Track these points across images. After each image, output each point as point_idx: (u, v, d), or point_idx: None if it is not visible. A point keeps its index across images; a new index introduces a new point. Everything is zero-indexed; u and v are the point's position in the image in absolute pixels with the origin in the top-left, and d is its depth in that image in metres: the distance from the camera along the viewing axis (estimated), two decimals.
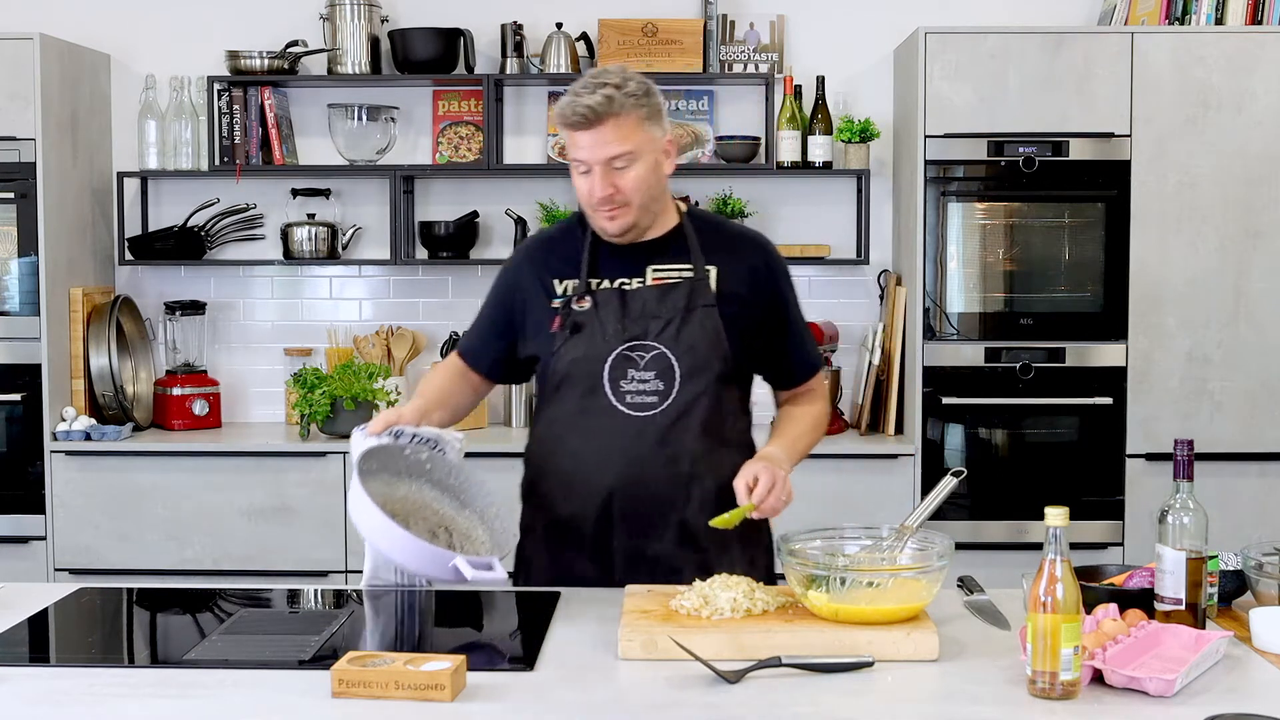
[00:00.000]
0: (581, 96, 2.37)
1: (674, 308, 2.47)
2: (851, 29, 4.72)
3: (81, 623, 2.35)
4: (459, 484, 2.37)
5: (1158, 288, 4.26)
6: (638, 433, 2.45)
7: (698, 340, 2.47)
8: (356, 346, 4.73)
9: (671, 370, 2.46)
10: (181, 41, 4.74)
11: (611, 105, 2.37)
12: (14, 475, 4.36)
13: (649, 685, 1.91)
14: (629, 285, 2.50)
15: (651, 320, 2.47)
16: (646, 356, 2.46)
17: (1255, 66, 4.23)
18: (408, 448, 2.27)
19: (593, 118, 2.37)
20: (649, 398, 2.46)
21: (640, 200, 2.44)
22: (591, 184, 2.41)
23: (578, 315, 2.48)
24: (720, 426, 2.52)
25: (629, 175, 2.41)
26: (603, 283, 2.51)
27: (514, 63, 4.62)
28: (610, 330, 2.46)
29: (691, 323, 2.47)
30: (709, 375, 2.48)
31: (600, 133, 2.38)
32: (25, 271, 4.33)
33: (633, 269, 2.51)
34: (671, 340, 2.46)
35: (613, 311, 2.47)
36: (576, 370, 2.48)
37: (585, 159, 2.40)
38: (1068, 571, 1.83)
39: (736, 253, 2.55)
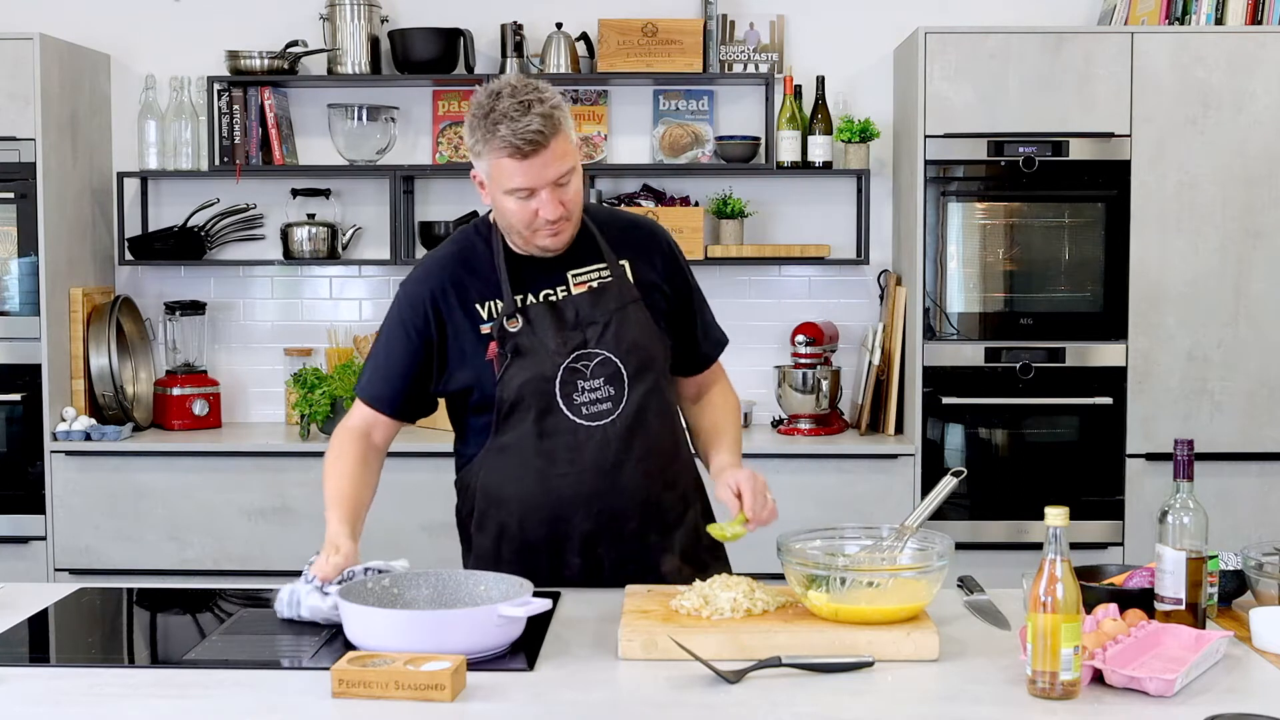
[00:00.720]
0: (520, 121, 2.24)
1: (606, 310, 2.42)
2: (851, 29, 4.72)
3: (81, 623, 2.35)
4: (437, 587, 2.20)
5: (1158, 288, 4.26)
6: (601, 442, 2.40)
7: (637, 337, 2.43)
8: (356, 346, 4.73)
9: (620, 373, 2.41)
10: (181, 41, 4.73)
11: (552, 124, 2.27)
12: (14, 475, 4.36)
13: (649, 685, 1.91)
14: (554, 296, 2.42)
15: (589, 327, 2.41)
16: (591, 364, 2.40)
17: (1255, 66, 4.23)
18: (369, 580, 2.17)
19: (542, 142, 2.26)
20: (603, 405, 2.41)
21: (578, 209, 2.39)
22: (538, 207, 2.30)
23: (514, 337, 2.38)
24: (673, 418, 2.53)
25: (571, 190, 2.34)
26: (528, 297, 2.42)
27: (514, 63, 4.62)
28: (552, 346, 2.39)
29: (626, 322, 2.42)
30: (654, 370, 2.45)
31: (546, 154, 2.27)
32: (25, 271, 4.33)
33: (553, 279, 2.43)
34: (612, 343, 2.41)
35: (548, 326, 2.39)
36: (527, 392, 2.39)
37: (532, 184, 2.29)
38: (1068, 571, 1.83)
39: (640, 242, 2.51)
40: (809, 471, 4.27)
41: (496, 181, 2.32)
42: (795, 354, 4.56)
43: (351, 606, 2.02)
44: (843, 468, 4.26)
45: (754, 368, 4.70)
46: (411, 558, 4.18)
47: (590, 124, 4.73)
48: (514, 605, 2.00)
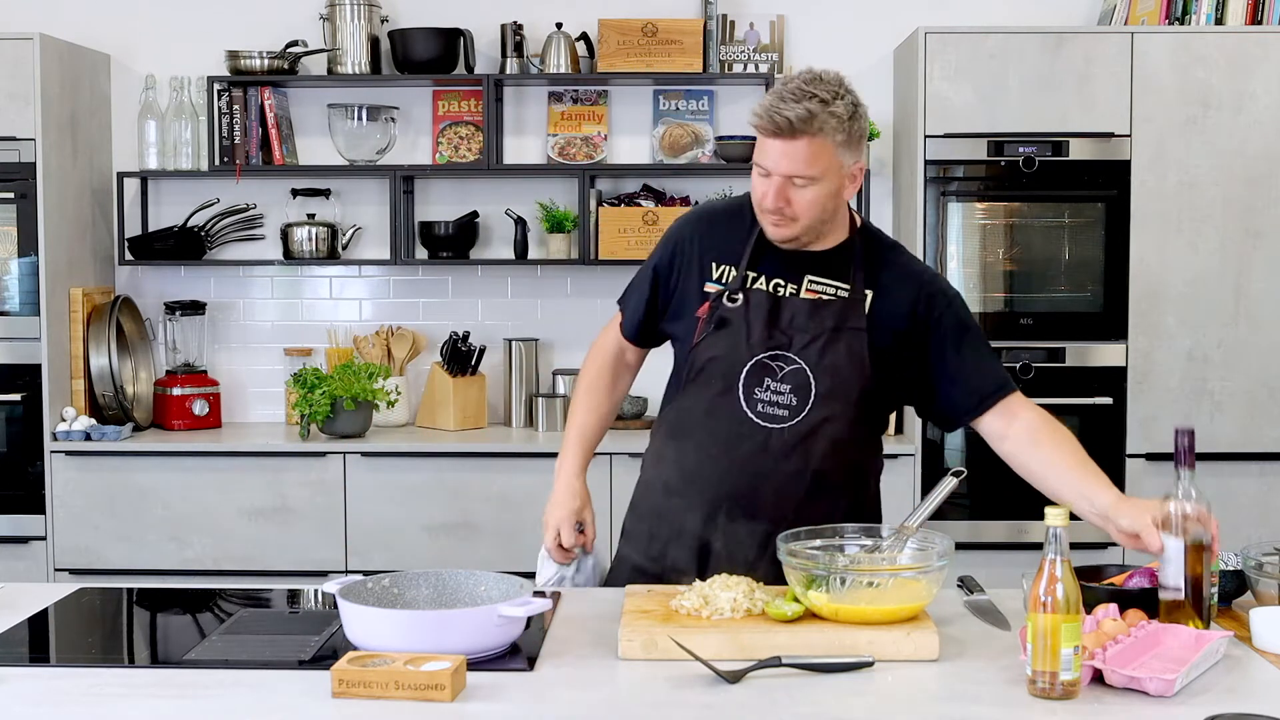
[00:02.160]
0: (785, 103, 2.25)
1: (822, 325, 2.38)
2: (851, 29, 4.72)
3: (81, 623, 2.35)
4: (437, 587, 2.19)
5: (1158, 288, 4.26)
6: (762, 444, 2.37)
7: (840, 362, 2.37)
8: (356, 346, 4.73)
9: (808, 387, 2.37)
10: (181, 41, 4.73)
11: (811, 124, 2.25)
12: (14, 475, 4.36)
13: (649, 685, 1.91)
14: (784, 291, 2.41)
15: (798, 333, 2.38)
16: (786, 369, 2.38)
17: (1255, 66, 4.23)
18: (369, 582, 2.18)
19: (787, 130, 2.25)
20: (780, 410, 2.37)
21: (809, 220, 2.34)
22: (766, 190, 2.31)
23: (726, 310, 2.40)
24: (847, 452, 2.43)
25: (805, 195, 2.31)
26: (759, 280, 2.42)
27: (514, 63, 4.62)
28: (755, 335, 2.38)
29: (838, 344, 2.37)
30: (845, 399, 2.39)
31: (791, 147, 2.27)
32: (25, 271, 4.33)
33: (791, 274, 2.41)
34: (814, 358, 2.37)
35: (761, 316, 2.39)
36: (714, 368, 2.41)
37: (768, 167, 2.30)
38: (1068, 571, 1.83)
39: (899, 282, 2.43)
40: None
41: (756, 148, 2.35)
42: None
43: (351, 606, 2.02)
44: None
45: None
46: (411, 558, 4.21)
47: (590, 124, 4.73)
48: (514, 605, 2.01)
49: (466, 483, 4.30)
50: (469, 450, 4.34)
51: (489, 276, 4.80)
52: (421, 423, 4.66)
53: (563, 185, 4.73)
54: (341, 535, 4.30)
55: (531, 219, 4.70)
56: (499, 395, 4.72)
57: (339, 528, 4.30)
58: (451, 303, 4.81)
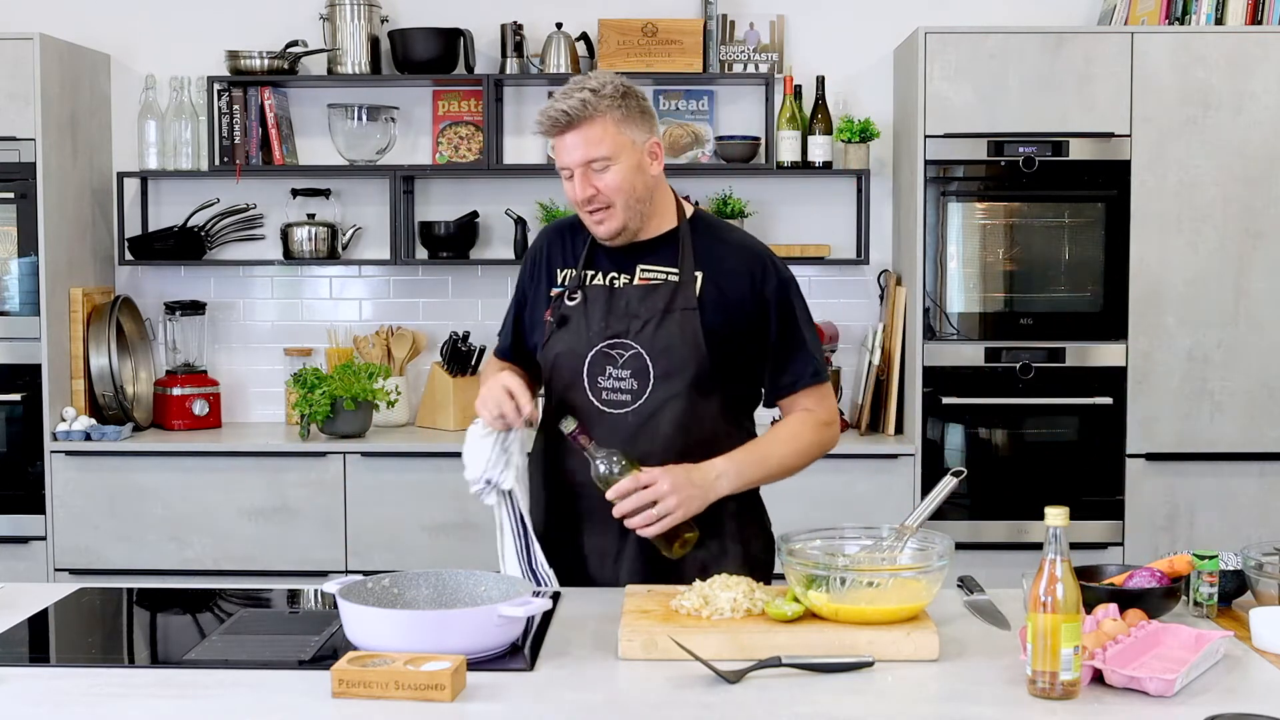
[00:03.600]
0: (558, 102, 2.40)
1: (653, 308, 2.47)
2: (851, 29, 4.73)
3: (81, 623, 2.35)
4: (437, 587, 2.20)
5: (1158, 288, 4.26)
6: (609, 430, 2.45)
7: (674, 343, 2.45)
8: (356, 346, 4.73)
9: (646, 371, 2.46)
10: (181, 41, 4.74)
11: (585, 109, 2.39)
12: (14, 475, 4.36)
13: (649, 685, 1.91)
14: (618, 281, 2.52)
15: (632, 319, 2.47)
16: (625, 355, 2.47)
17: (1255, 66, 4.23)
18: (369, 582, 2.18)
19: (565, 122, 2.40)
20: (623, 395, 2.47)
21: (624, 201, 2.44)
22: (573, 187, 2.44)
23: (566, 309, 2.52)
24: (692, 432, 2.46)
25: (607, 177, 2.42)
26: (596, 276, 2.54)
27: (514, 63, 4.62)
28: (594, 327, 2.48)
29: (669, 325, 2.45)
30: (683, 379, 2.45)
31: (575, 136, 2.41)
32: (25, 271, 4.33)
33: (624, 265, 2.53)
34: (648, 341, 2.46)
35: (599, 308, 2.49)
36: (560, 363, 2.52)
37: (564, 163, 2.44)
38: (1068, 571, 1.83)
39: (729, 261, 2.51)
40: (809, 471, 4.22)
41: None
42: None
43: (351, 606, 2.02)
44: (843, 468, 4.26)
45: None
46: (411, 558, 4.21)
47: None
48: (514, 605, 2.01)
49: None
50: None
51: (489, 276, 4.80)
52: (421, 423, 4.66)
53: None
54: (341, 535, 4.30)
55: (531, 219, 4.70)
56: None
57: (339, 528, 4.30)
58: (451, 303, 4.81)
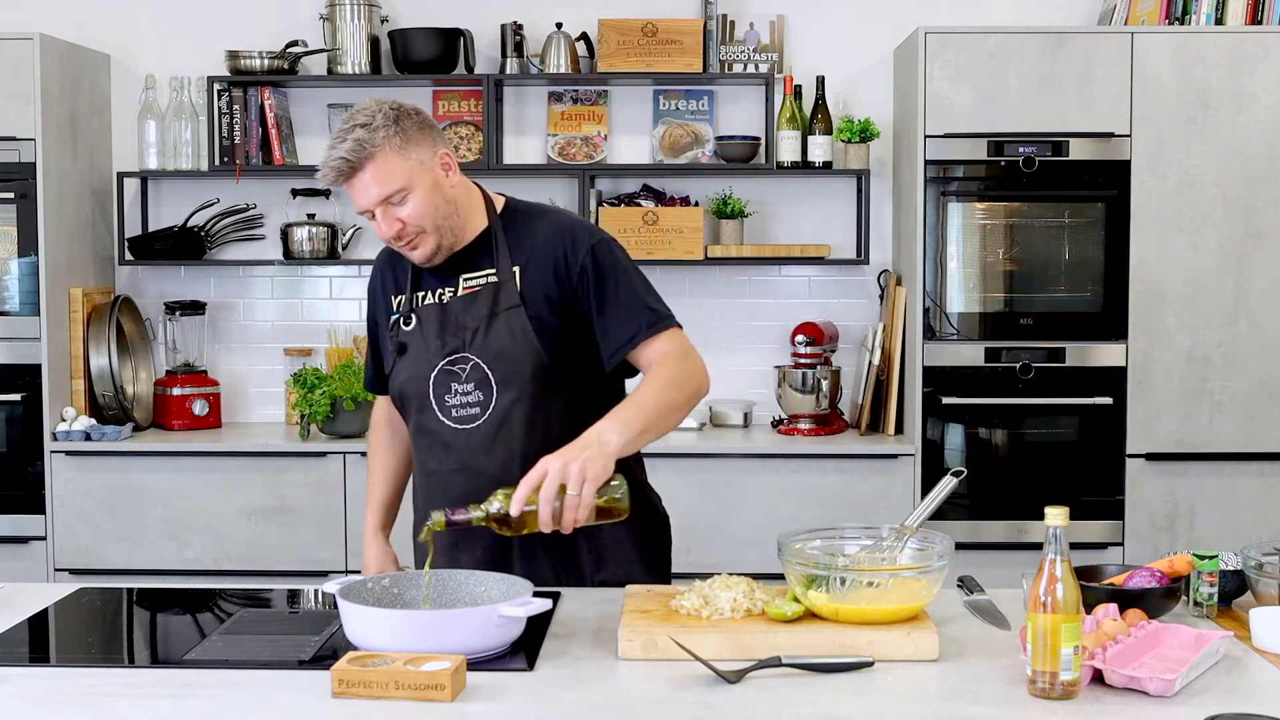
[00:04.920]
0: (335, 149, 2.29)
1: (478, 315, 2.40)
2: (851, 29, 4.73)
3: (81, 623, 2.35)
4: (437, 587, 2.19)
5: (1158, 288, 4.26)
6: (466, 446, 2.41)
7: (506, 345, 2.38)
8: (356, 346, 4.73)
9: (488, 380, 2.39)
10: (181, 41, 4.74)
11: (364, 149, 2.28)
12: (14, 475, 4.36)
13: (649, 685, 1.91)
14: (446, 297, 2.44)
15: (464, 331, 2.41)
16: (465, 369, 2.41)
17: (1255, 66, 4.23)
18: (369, 582, 2.17)
19: (349, 169, 2.29)
20: (472, 409, 2.40)
21: (432, 224, 2.36)
22: (379, 226, 2.35)
23: (403, 335, 2.47)
24: (548, 429, 2.38)
25: (408, 208, 2.33)
26: (426, 296, 2.47)
27: (514, 63, 4.62)
28: (432, 347, 2.42)
29: (497, 328, 2.39)
30: (523, 380, 2.38)
31: (363, 178, 2.30)
32: (25, 271, 4.33)
33: (448, 279, 2.45)
34: (481, 349, 2.39)
35: (433, 327, 2.43)
36: (408, 389, 2.46)
37: (362, 207, 2.34)
38: (1068, 571, 1.83)
39: (539, 245, 2.42)
40: (809, 471, 4.27)
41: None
42: (795, 354, 4.56)
43: (351, 606, 2.02)
44: (843, 468, 4.26)
45: (754, 368, 4.71)
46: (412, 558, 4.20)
47: (590, 124, 4.73)
48: (514, 605, 2.00)
49: None
50: None
51: None
52: None
53: (563, 185, 4.73)
54: (341, 535, 4.29)
55: None
56: None
57: (339, 528, 4.30)
58: None
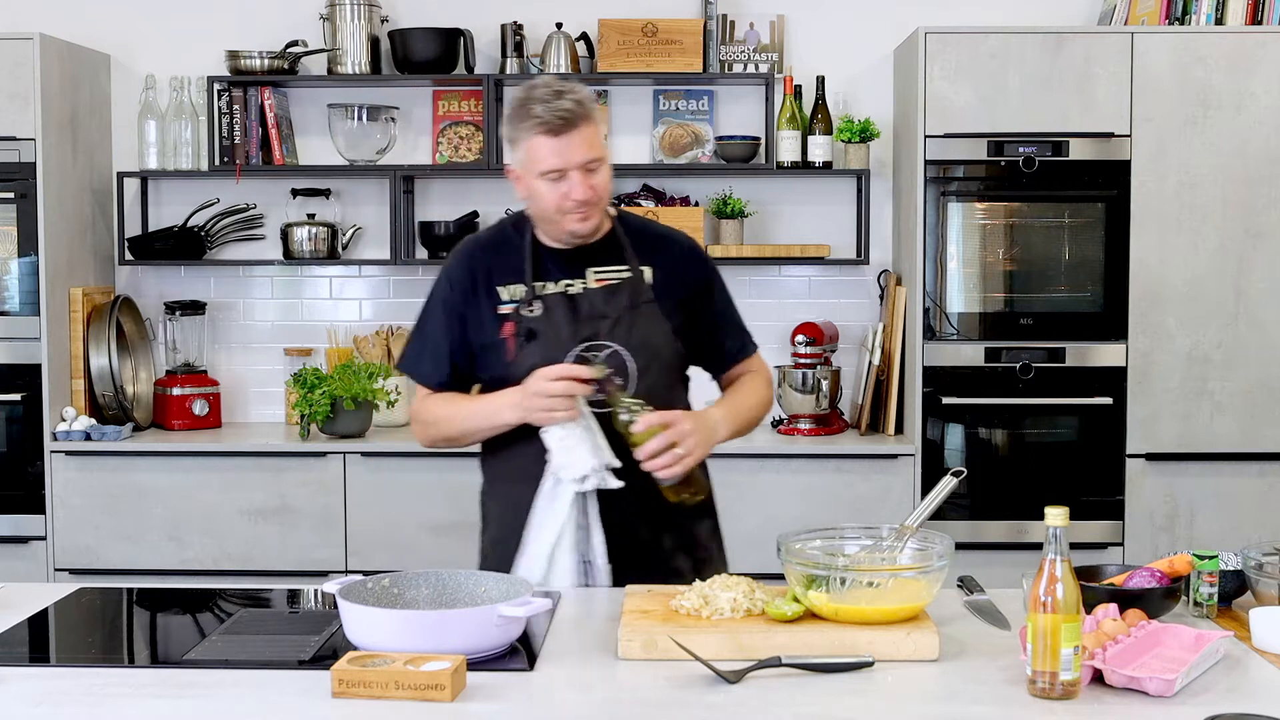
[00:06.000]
0: (553, 103, 2.41)
1: (619, 306, 2.52)
2: (851, 29, 4.72)
3: (81, 623, 2.35)
4: (437, 587, 2.19)
5: (1158, 288, 4.26)
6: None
7: (648, 336, 2.52)
8: (356, 346, 4.73)
9: (625, 367, 2.50)
10: (181, 41, 4.74)
11: (583, 109, 2.43)
12: (14, 475, 4.36)
13: (649, 685, 1.92)
14: (573, 288, 2.54)
15: (601, 320, 2.51)
16: (601, 356, 2.49)
17: (1255, 66, 4.23)
18: (369, 582, 2.18)
19: (572, 120, 2.41)
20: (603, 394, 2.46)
21: (605, 202, 2.52)
22: (568, 188, 2.44)
23: (529, 321, 2.51)
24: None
25: (599, 177, 2.47)
26: (546, 286, 2.54)
27: (514, 63, 4.62)
28: (564, 333, 2.49)
29: (639, 320, 2.52)
30: (659, 369, 2.53)
31: (577, 136, 2.43)
32: (25, 271, 4.33)
33: (574, 272, 2.55)
34: (624, 338, 2.51)
35: (563, 315, 2.51)
36: None
37: (561, 164, 2.43)
38: (1068, 571, 1.83)
39: (666, 253, 2.61)
40: (809, 471, 4.27)
41: (531, 165, 2.46)
42: (795, 354, 4.56)
43: (351, 606, 2.02)
44: (843, 468, 4.26)
45: None
46: (411, 558, 4.21)
47: None
48: (514, 605, 2.01)
49: (466, 483, 4.26)
50: (469, 450, 4.32)
51: None
52: None
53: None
54: (341, 535, 4.30)
55: None
56: None
57: (339, 528, 4.30)
58: None
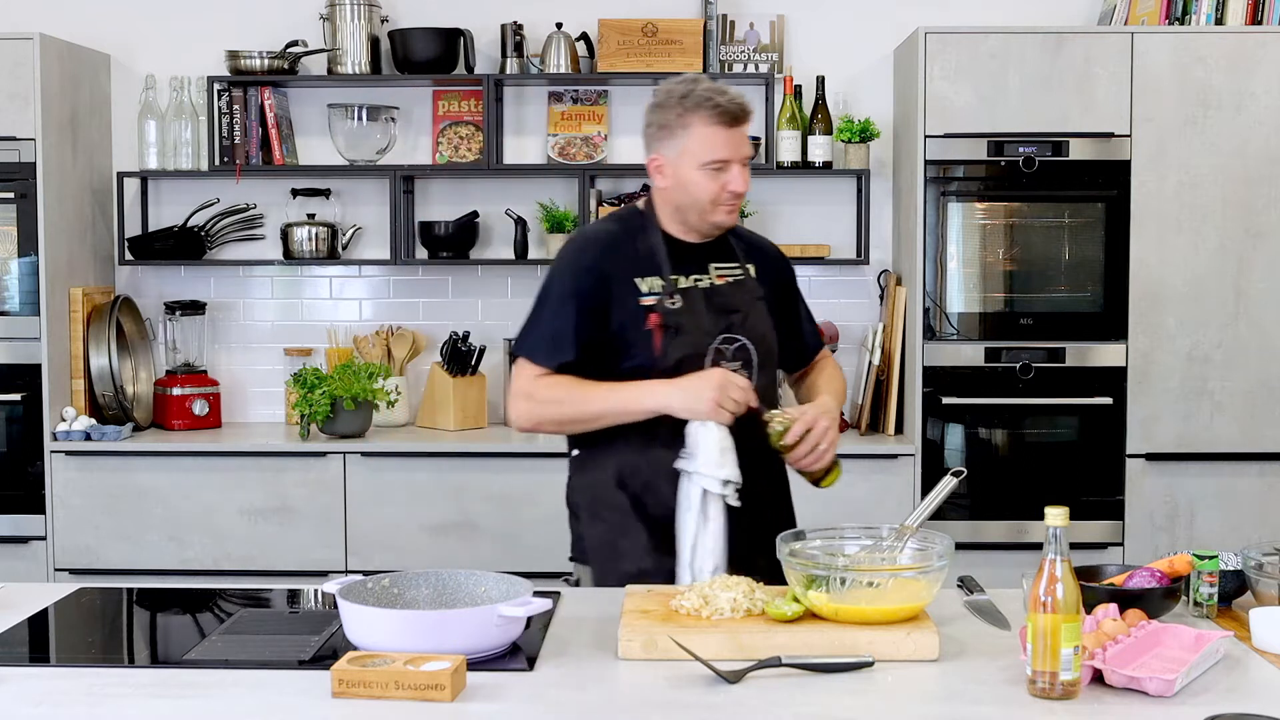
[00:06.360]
0: (729, 94, 2.53)
1: (745, 301, 2.66)
2: (851, 29, 4.73)
3: (81, 623, 2.35)
4: (437, 587, 2.19)
5: (1158, 288, 4.26)
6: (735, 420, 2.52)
7: (764, 330, 2.67)
8: (356, 346, 4.73)
9: (751, 360, 2.62)
10: (181, 41, 4.74)
11: (750, 106, 2.58)
12: (14, 475, 4.36)
13: (649, 685, 1.92)
14: (704, 282, 2.64)
15: (732, 314, 2.62)
16: (732, 348, 2.61)
17: (1255, 66, 4.23)
18: (369, 582, 2.18)
19: (742, 115, 2.55)
20: None
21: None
22: (728, 180, 2.55)
23: (675, 314, 2.57)
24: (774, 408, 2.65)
25: (748, 173, 2.60)
26: (680, 279, 2.62)
27: (514, 63, 4.62)
28: (706, 325, 2.59)
29: (757, 315, 2.67)
30: (772, 362, 2.70)
31: (743, 132, 2.57)
32: (25, 271, 4.33)
33: (699, 268, 2.65)
34: (750, 331, 2.63)
35: (702, 307, 2.60)
36: (685, 365, 2.55)
37: (729, 155, 2.54)
38: (1068, 571, 1.83)
39: (762, 254, 2.77)
40: None
41: (694, 155, 2.55)
42: None
43: (351, 606, 2.02)
44: (843, 467, 4.25)
45: None
46: (411, 558, 4.22)
47: (590, 124, 4.73)
48: (514, 605, 2.01)
49: (466, 483, 4.30)
50: (469, 450, 4.34)
51: (489, 276, 4.80)
52: (421, 423, 4.66)
53: (563, 185, 4.73)
54: (341, 535, 4.30)
55: (531, 219, 4.70)
56: (499, 395, 4.71)
57: (339, 528, 4.30)
58: (451, 303, 4.80)
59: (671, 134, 2.58)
